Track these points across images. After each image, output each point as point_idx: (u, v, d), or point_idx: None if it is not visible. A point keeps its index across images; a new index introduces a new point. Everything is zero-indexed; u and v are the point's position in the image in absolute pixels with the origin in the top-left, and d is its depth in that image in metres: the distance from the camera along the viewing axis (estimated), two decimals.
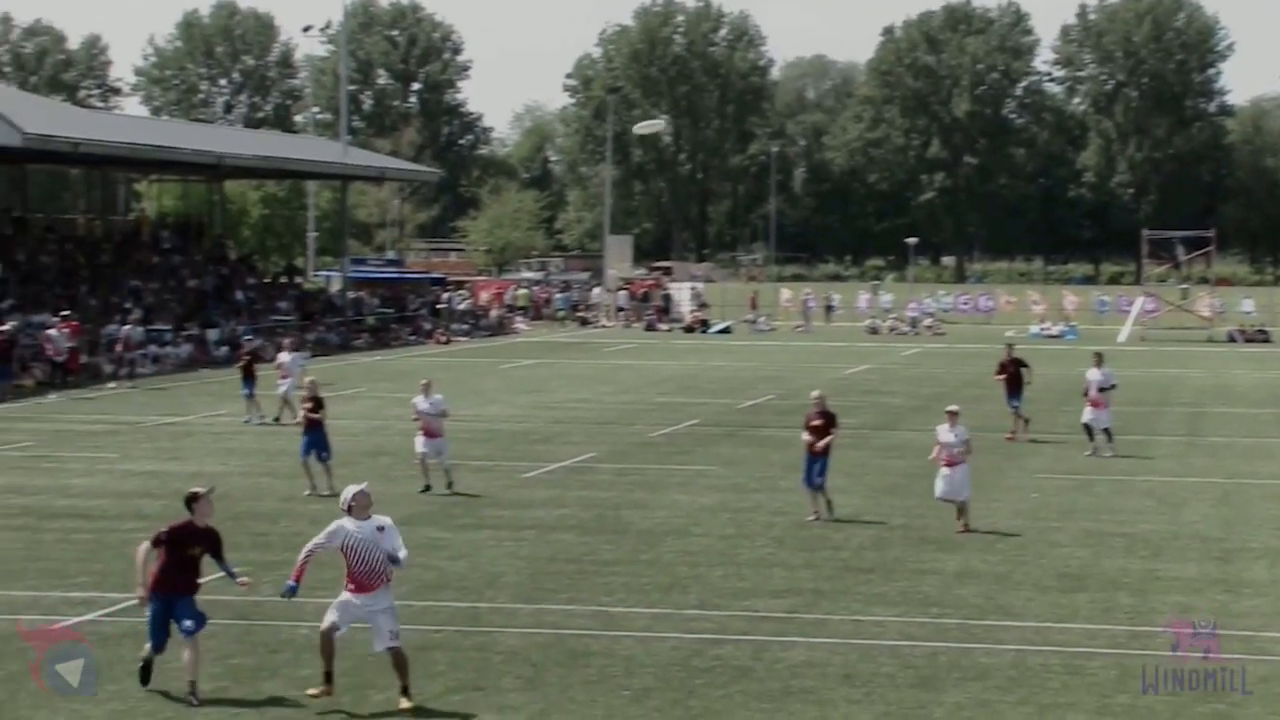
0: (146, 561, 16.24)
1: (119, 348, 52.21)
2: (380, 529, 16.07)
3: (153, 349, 57.16)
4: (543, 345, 72.71)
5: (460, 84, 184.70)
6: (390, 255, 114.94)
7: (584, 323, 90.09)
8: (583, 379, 54.12)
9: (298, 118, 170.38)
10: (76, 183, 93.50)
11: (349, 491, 16.33)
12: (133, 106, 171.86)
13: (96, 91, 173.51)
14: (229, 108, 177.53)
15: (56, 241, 67.05)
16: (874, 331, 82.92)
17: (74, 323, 51.57)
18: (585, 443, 36.38)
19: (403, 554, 16.21)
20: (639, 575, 21.97)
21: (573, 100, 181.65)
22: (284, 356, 41.89)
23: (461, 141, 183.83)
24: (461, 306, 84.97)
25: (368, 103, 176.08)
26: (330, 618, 15.98)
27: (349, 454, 33.73)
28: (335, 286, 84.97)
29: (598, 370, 58.27)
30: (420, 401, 29.37)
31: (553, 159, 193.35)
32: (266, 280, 78.36)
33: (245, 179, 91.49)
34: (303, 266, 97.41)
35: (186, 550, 16.21)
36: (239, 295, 69.95)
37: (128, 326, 53.11)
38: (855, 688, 16.62)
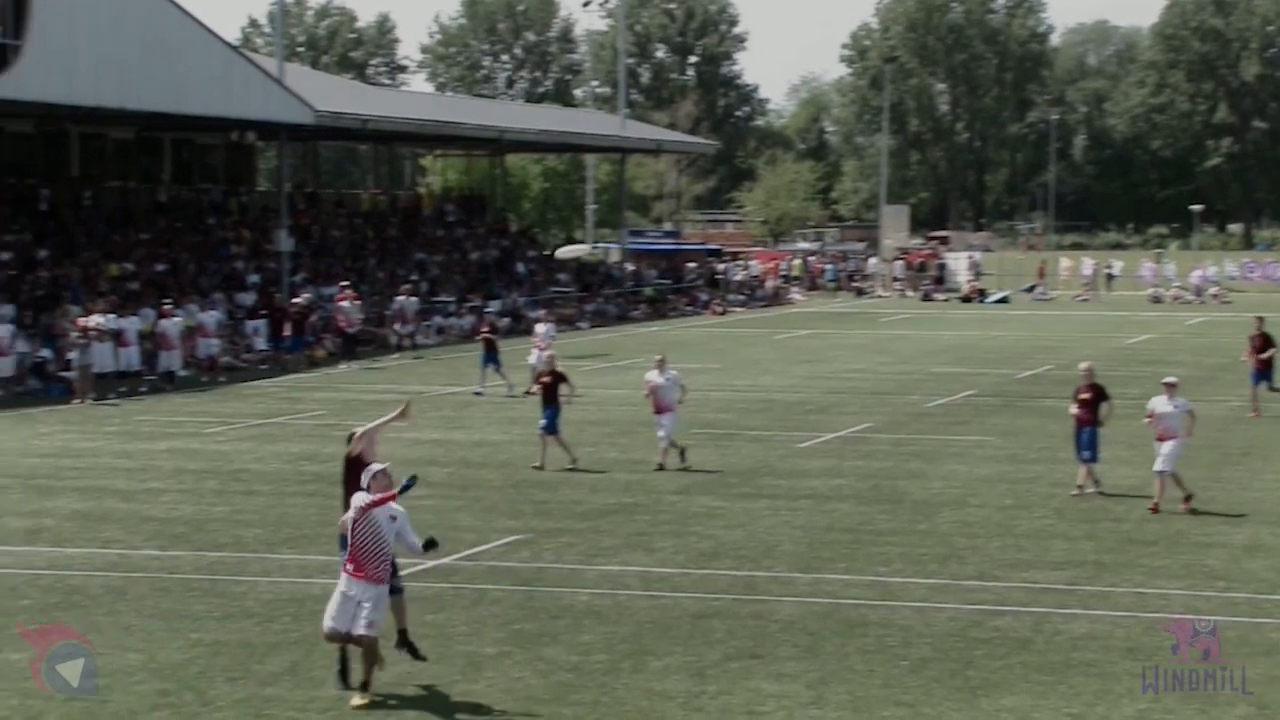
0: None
1: (398, 321, 53.26)
2: (393, 517, 15.53)
3: (437, 320, 58.47)
4: (818, 315, 72.58)
5: (737, 56, 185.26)
6: (667, 227, 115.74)
7: (859, 293, 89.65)
8: (858, 349, 53.94)
9: (577, 92, 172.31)
10: (365, 158, 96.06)
11: (369, 469, 15.91)
12: (419, 83, 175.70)
13: (384, 69, 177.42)
14: (511, 83, 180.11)
15: (346, 216, 68.87)
16: (1157, 300, 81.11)
17: (354, 294, 52.43)
18: (861, 413, 36.31)
19: (419, 545, 15.84)
20: (916, 546, 21.92)
21: (849, 70, 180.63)
22: (540, 327, 41.44)
23: (738, 113, 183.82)
24: (737, 277, 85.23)
25: (645, 76, 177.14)
26: (329, 624, 15.38)
27: (625, 423, 34.22)
28: (614, 258, 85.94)
29: (873, 340, 58.00)
30: (654, 376, 28.65)
31: (829, 129, 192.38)
32: (546, 252, 79.52)
33: (526, 153, 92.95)
34: (582, 239, 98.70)
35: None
36: (520, 267, 71.17)
37: (401, 298, 53.87)
38: (1138, 661, 16.36)
